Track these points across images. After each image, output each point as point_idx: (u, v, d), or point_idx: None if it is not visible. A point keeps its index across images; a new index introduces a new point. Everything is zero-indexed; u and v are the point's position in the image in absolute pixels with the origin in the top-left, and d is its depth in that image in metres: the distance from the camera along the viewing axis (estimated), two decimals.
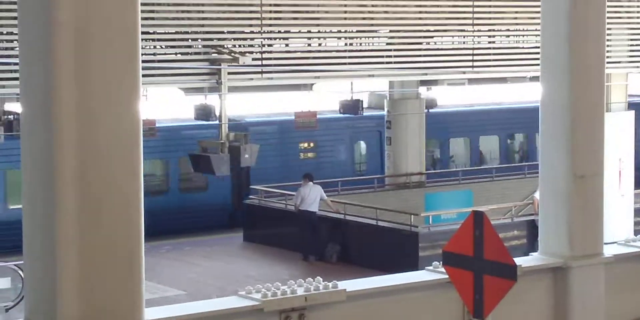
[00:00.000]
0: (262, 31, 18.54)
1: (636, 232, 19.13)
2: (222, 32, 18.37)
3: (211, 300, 10.66)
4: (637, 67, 22.48)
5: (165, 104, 27.75)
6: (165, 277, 19.09)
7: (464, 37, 20.75)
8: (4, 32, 16.25)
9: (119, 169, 8.29)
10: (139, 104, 8.48)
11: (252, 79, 19.05)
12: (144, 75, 8.90)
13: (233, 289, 14.67)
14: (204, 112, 20.13)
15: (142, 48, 8.67)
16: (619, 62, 22.00)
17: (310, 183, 20.75)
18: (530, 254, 11.76)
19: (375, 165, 28.09)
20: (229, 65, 18.16)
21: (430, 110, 26.50)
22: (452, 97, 30.94)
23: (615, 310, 11.48)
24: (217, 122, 18.96)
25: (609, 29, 14.41)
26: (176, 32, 18.07)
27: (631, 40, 22.25)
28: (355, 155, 28.62)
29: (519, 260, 10.30)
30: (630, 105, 22.78)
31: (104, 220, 8.26)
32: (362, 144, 28.84)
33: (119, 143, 8.31)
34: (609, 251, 11.47)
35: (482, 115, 30.58)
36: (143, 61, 8.89)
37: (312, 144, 27.79)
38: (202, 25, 18.00)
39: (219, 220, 25.60)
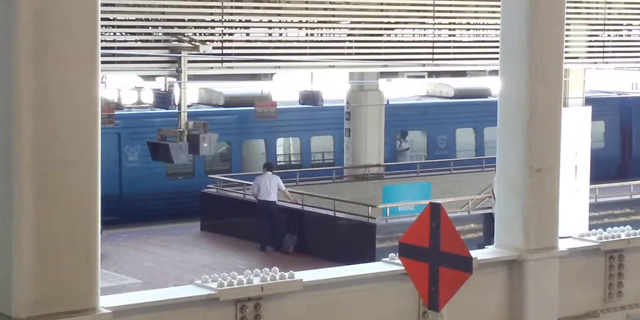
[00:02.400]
0: (223, 20, 18.49)
1: (591, 227, 19.29)
2: (183, 20, 18.31)
3: (167, 289, 10.66)
4: (595, 63, 22.67)
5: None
6: (122, 265, 19.03)
7: (425, 29, 20.80)
8: None
9: (76, 157, 8.25)
10: (98, 90, 8.44)
11: (212, 67, 18.99)
12: (103, 62, 8.86)
13: (190, 278, 14.69)
14: (163, 100, 20.06)
15: (101, 34, 8.62)
16: (577, 58, 22.16)
17: (269, 173, 20.72)
18: (486, 246, 11.83)
19: None
20: (189, 54, 18.10)
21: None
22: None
23: (569, 303, 11.59)
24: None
25: (567, 24, 14.52)
26: (136, 19, 17.98)
27: (590, 36, 22.42)
28: None
29: (475, 253, 10.38)
30: (588, 101, 22.97)
31: (61, 208, 8.22)
32: None
33: (77, 130, 8.27)
34: (563, 245, 11.57)
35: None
36: (102, 48, 8.85)
37: None
38: (163, 13, 17.93)
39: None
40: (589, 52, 22.45)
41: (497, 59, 11.76)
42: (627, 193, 23.79)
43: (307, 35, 19.63)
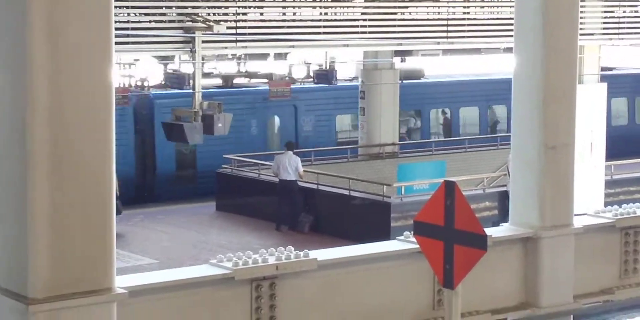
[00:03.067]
0: (236, 0, 18.48)
1: (606, 204, 19.26)
2: (197, 0, 18.30)
3: (182, 269, 10.69)
4: (610, 39, 22.57)
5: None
6: (138, 246, 19.10)
7: (439, 7, 20.74)
8: None
9: (91, 135, 8.27)
10: (112, 71, 8.45)
11: (226, 47, 19.01)
12: (117, 43, 8.86)
13: (205, 258, 14.71)
14: (178, 80, 20.11)
15: (115, 15, 8.62)
16: (592, 35, 22.07)
17: (290, 152, 20.69)
18: (501, 224, 11.83)
19: None
20: (203, 34, 18.10)
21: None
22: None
23: (584, 280, 11.58)
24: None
25: (582, 1, 14.45)
26: (150, 0, 17.98)
27: (604, 12, 22.32)
28: None
29: (490, 231, 10.38)
30: (603, 78, 22.88)
31: (76, 189, 8.24)
32: None
33: (91, 112, 8.28)
34: (578, 222, 11.55)
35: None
36: (116, 28, 8.85)
37: None
38: None
39: None
40: (604, 28, 22.35)
41: (511, 36, 11.72)
42: None
43: (320, 14, 19.61)
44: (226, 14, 18.56)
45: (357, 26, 19.82)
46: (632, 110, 33.49)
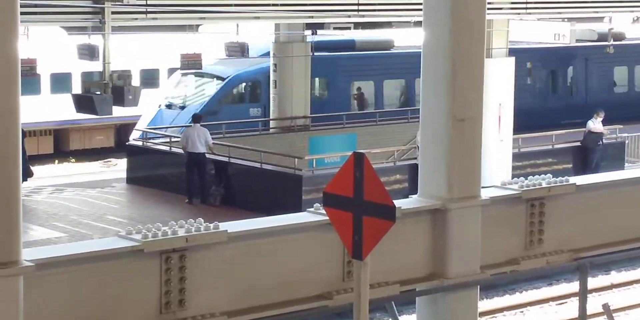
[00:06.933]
0: None
1: (514, 176, 19.56)
2: None
3: (91, 241, 10.63)
4: (518, 13, 22.83)
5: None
6: (47, 219, 18.89)
7: None
8: None
9: None
10: (17, 42, 8.30)
11: (136, 18, 18.79)
12: (23, 13, 8.70)
13: (115, 231, 14.62)
14: (89, 52, 19.82)
15: None
16: (500, 9, 22.30)
17: (197, 125, 20.63)
18: (410, 196, 11.93)
19: None
20: (112, 4, 17.87)
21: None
22: None
23: (491, 250, 11.75)
24: None
25: None
26: None
27: None
28: None
29: (399, 202, 10.45)
30: (511, 52, 23.16)
31: None
32: None
33: None
34: (486, 194, 11.70)
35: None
36: None
37: None
38: None
39: None
40: (512, 2, 22.60)
41: (421, 10, 11.78)
42: (549, 143, 24.14)
43: None
44: None
45: None
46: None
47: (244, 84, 28.19)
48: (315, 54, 25.28)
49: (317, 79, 28.18)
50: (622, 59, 32.91)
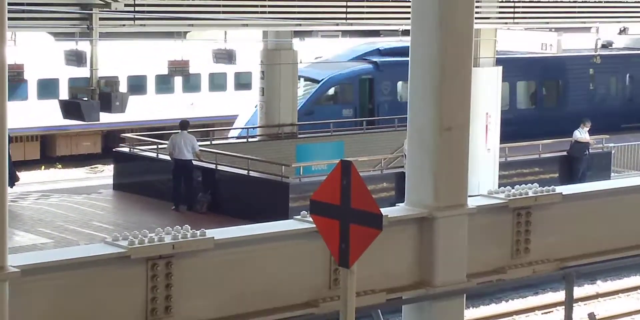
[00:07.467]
0: None
1: (501, 185, 19.61)
2: None
3: (77, 247, 10.60)
4: (506, 23, 22.91)
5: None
6: (33, 225, 18.84)
7: None
8: None
9: None
10: (5, 47, 8.29)
11: (124, 25, 18.79)
12: (10, 19, 8.69)
13: (102, 237, 14.59)
14: (76, 58, 19.81)
15: None
16: (488, 18, 22.37)
17: (184, 132, 20.61)
18: (397, 204, 11.94)
19: None
20: (100, 11, 17.87)
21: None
22: None
23: (478, 259, 11.75)
24: None
25: None
26: None
27: None
28: None
29: (386, 211, 10.46)
30: (498, 61, 23.21)
31: None
32: None
33: None
34: (472, 202, 11.72)
35: None
36: (10, 4, 8.69)
37: None
38: None
39: None
40: (500, 12, 22.67)
41: (409, 18, 11.80)
42: (536, 152, 24.19)
43: None
44: None
45: (256, 6, 19.78)
46: None
47: (337, 86, 29.05)
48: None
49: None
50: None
